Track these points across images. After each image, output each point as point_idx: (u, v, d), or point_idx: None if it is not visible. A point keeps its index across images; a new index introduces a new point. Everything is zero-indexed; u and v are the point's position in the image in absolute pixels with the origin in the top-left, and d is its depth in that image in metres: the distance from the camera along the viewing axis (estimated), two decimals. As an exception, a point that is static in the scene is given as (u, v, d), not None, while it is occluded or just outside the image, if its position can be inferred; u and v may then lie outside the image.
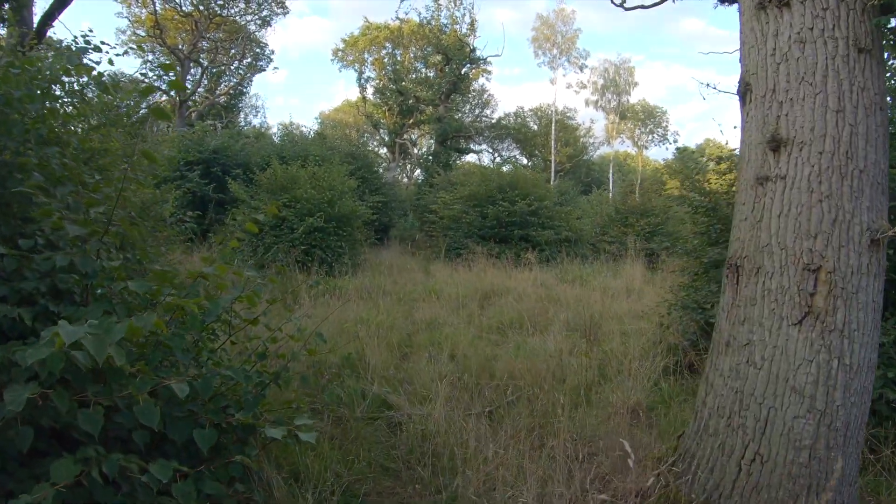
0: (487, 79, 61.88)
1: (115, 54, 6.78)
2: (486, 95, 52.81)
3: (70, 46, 5.96)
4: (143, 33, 39.04)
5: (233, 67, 42.54)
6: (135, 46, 38.93)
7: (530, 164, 53.09)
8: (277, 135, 35.71)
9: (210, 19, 37.88)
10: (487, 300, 12.53)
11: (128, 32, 39.87)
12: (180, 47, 38.53)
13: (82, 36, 5.73)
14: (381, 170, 36.23)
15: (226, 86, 42.10)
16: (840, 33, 3.72)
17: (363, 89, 44.52)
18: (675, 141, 67.80)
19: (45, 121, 4.02)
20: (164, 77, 39.93)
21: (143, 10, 37.83)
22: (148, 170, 6.41)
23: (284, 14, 41.18)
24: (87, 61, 5.08)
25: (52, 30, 16.43)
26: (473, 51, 39.81)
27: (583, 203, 30.86)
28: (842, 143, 3.61)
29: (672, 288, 9.92)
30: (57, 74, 4.61)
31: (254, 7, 39.74)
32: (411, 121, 42.75)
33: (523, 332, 9.43)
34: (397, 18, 42.95)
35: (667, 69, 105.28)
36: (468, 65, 40.24)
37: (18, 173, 3.58)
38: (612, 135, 61.99)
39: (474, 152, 43.83)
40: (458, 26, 40.85)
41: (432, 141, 41.57)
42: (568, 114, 58.89)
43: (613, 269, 17.42)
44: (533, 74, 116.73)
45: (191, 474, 2.94)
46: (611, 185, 55.89)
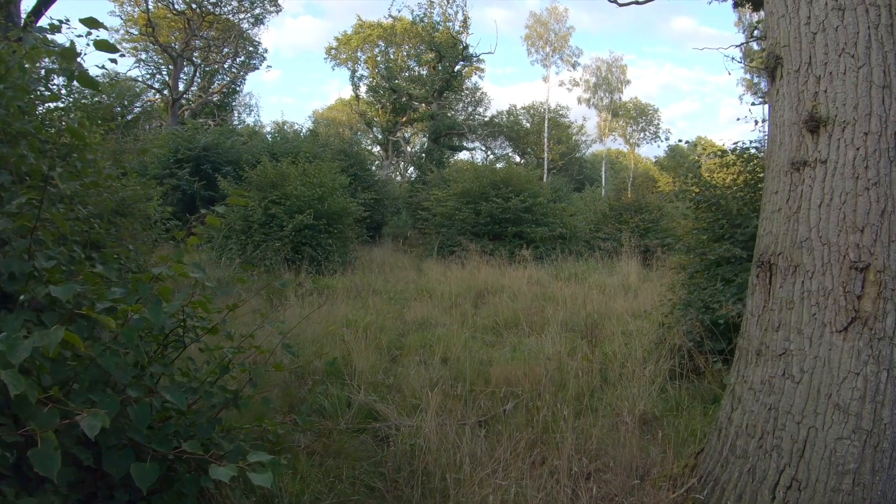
0: (480, 77, 61.98)
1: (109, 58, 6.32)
2: (479, 93, 52.72)
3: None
4: (136, 32, 38.58)
5: (226, 66, 42.10)
6: (128, 46, 38.71)
7: (523, 161, 52.79)
8: (271, 133, 35.31)
9: (203, 17, 37.47)
10: (481, 299, 12.11)
11: (121, 31, 39.48)
12: (174, 45, 37.99)
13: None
14: (374, 167, 35.94)
15: (219, 84, 41.58)
16: (882, 0, 3.26)
17: (356, 87, 44.23)
18: (667, 138, 68.05)
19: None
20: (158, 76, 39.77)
21: (136, 9, 37.39)
22: (132, 165, 5.95)
23: (277, 12, 40.95)
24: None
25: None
26: (466, 48, 39.59)
27: (576, 200, 30.66)
28: (889, 123, 3.14)
29: (672, 286, 9.51)
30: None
31: (246, 5, 39.45)
32: (404, 119, 42.45)
33: (519, 333, 8.99)
34: (390, 16, 42.68)
35: (658, 68, 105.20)
36: (461, 62, 39.98)
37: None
38: (605, 132, 62.11)
39: (467, 150, 43.59)
40: (450, 24, 40.79)
41: (425, 139, 41.36)
42: (560, 111, 58.80)
43: (608, 266, 17.10)
44: (526, 74, 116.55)
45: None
46: (603, 182, 55.95)
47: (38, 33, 4.62)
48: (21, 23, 15.30)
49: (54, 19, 5.79)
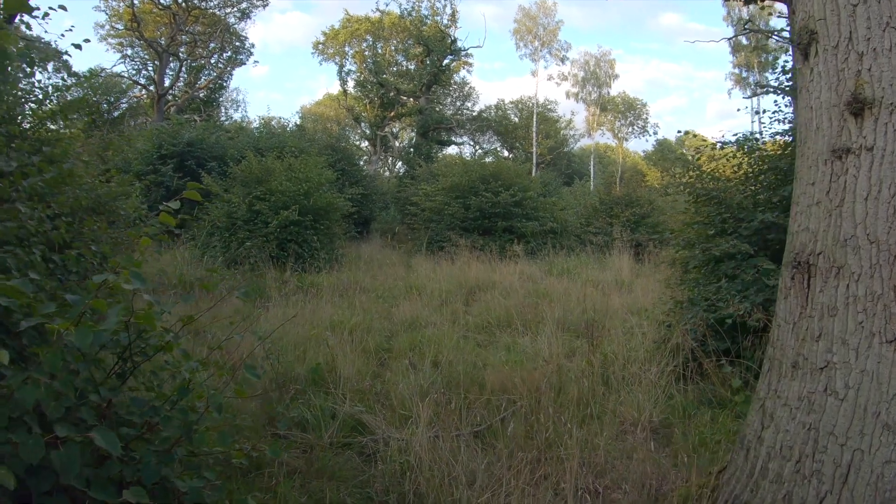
0: (469, 71, 61.45)
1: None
2: (467, 88, 52.28)
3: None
4: (121, 27, 37.98)
5: (212, 61, 41.48)
6: (113, 42, 38.20)
7: (511, 156, 52.42)
8: (258, 128, 34.84)
9: (188, 12, 36.84)
10: (472, 296, 11.75)
11: (106, 27, 39.02)
12: (159, 41, 37.35)
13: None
14: (362, 163, 35.55)
15: (205, 80, 40.97)
16: (929, -33, 2.89)
17: (344, 82, 43.82)
18: (655, 133, 67.96)
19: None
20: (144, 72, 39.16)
21: (122, 4, 36.83)
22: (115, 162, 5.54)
23: (264, 6, 40.42)
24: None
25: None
26: (454, 42, 39.18)
27: (565, 194, 30.38)
28: (942, 105, 2.78)
29: (668, 282, 9.17)
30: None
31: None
32: (392, 113, 42.09)
33: (513, 332, 8.63)
34: (378, 10, 42.22)
35: (646, 63, 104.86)
36: (449, 56, 39.60)
37: None
38: (593, 127, 61.86)
39: (456, 144, 43.19)
40: (438, 17, 40.37)
41: (413, 133, 41.00)
42: (549, 106, 58.50)
43: (600, 261, 16.83)
44: (514, 69, 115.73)
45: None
46: (592, 176, 55.79)
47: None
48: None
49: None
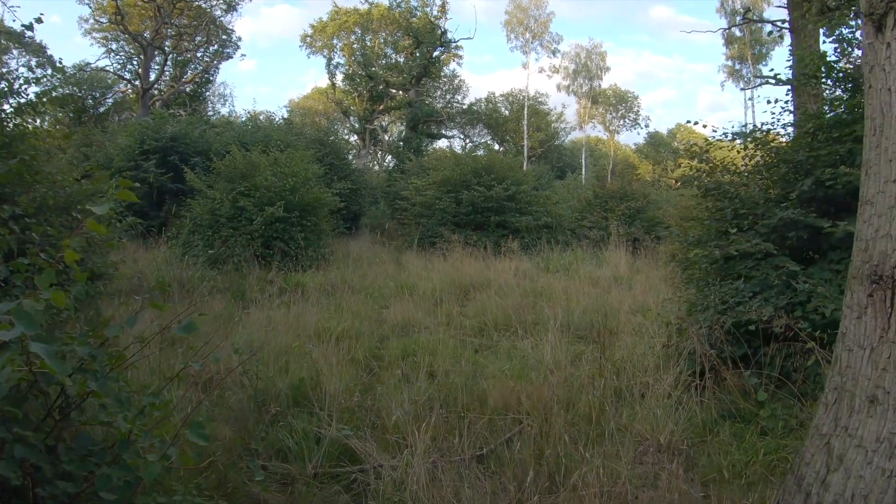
0: (459, 64, 61.10)
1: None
2: (457, 81, 51.81)
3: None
4: (105, 21, 37.42)
5: (199, 55, 40.78)
6: (98, 36, 37.62)
7: (502, 149, 52.00)
8: (244, 122, 34.24)
9: (174, 4, 36.09)
10: (466, 295, 11.25)
11: (90, 21, 38.58)
12: (144, 34, 36.62)
13: None
14: (350, 157, 35.05)
15: (192, 73, 40.27)
16: None
17: (332, 76, 43.41)
18: (647, 125, 67.73)
19: None
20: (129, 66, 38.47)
21: (105, -3, 36.08)
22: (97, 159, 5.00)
23: (251, -1, 39.76)
24: None
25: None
26: (445, 33, 38.64)
27: (558, 188, 29.94)
28: None
29: (672, 280, 8.71)
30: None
31: (219, -9, 38.19)
32: (381, 107, 41.60)
33: (512, 335, 8.10)
34: (366, 1, 41.74)
35: (637, 56, 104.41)
36: (439, 48, 39.08)
37: None
38: (584, 119, 61.56)
39: (446, 137, 42.64)
40: (428, 9, 39.79)
41: (403, 127, 40.49)
42: (540, 99, 58.24)
43: (596, 256, 16.45)
44: (504, 62, 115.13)
45: None
46: (584, 169, 55.60)
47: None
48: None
49: None
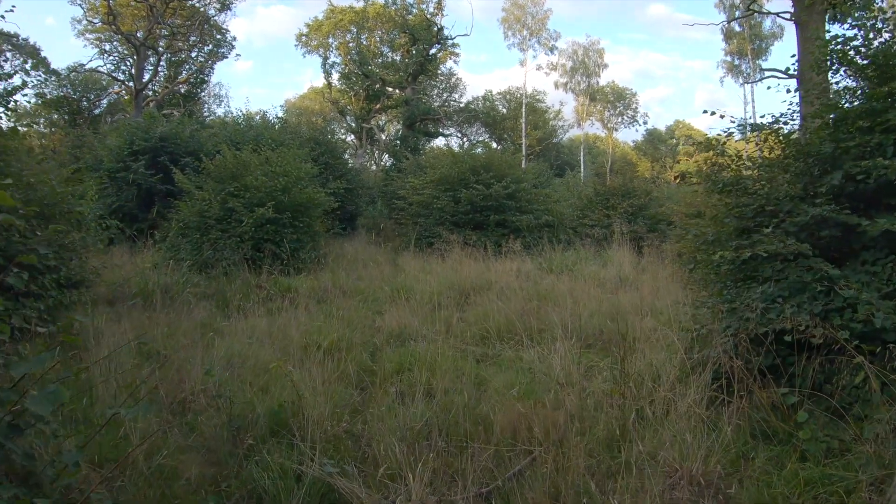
0: (455, 62, 60.74)
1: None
2: (454, 79, 51.51)
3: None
4: (98, 21, 37.31)
5: (193, 55, 40.38)
6: (91, 37, 37.19)
7: (500, 147, 51.67)
8: (243, 124, 33.78)
9: (166, 4, 35.61)
10: (466, 299, 10.69)
11: (83, 22, 38.40)
12: (137, 34, 36.08)
13: None
14: (346, 156, 34.58)
15: (186, 73, 39.73)
16: None
17: (328, 75, 43.26)
18: (645, 122, 67.63)
19: None
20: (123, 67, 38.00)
21: (98, -3, 35.82)
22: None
23: (243, -3, 39.32)
24: None
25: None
26: (441, 30, 38.13)
27: (558, 186, 29.54)
28: None
29: (683, 281, 8.16)
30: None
31: (212, -10, 37.82)
32: (378, 106, 41.29)
33: (516, 343, 7.50)
34: (362, -1, 41.27)
35: (633, 53, 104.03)
36: (436, 45, 38.62)
37: None
38: (583, 117, 61.32)
39: (443, 136, 42.07)
40: (424, 6, 39.41)
41: (400, 126, 40.05)
42: (537, 96, 58.03)
43: (600, 256, 16.00)
44: (500, 61, 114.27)
45: None
46: (582, 167, 55.33)
47: None
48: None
49: None
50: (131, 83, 36.65)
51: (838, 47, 6.92)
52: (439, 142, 41.06)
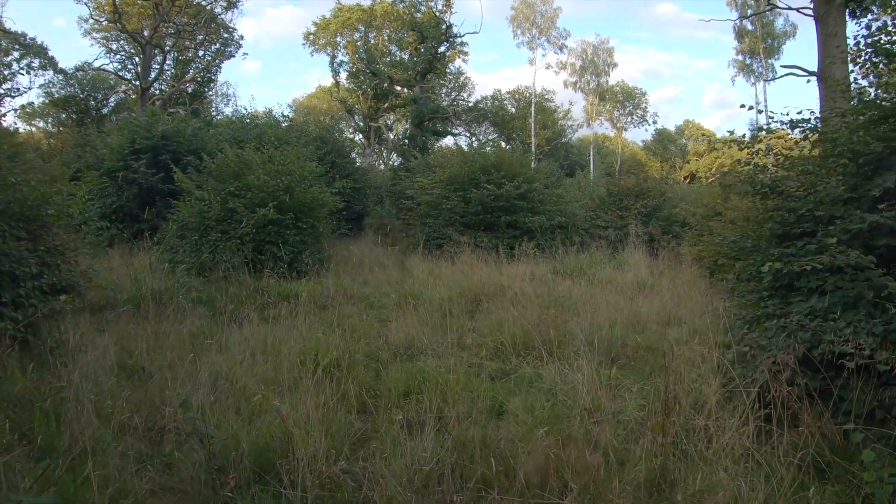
0: (464, 61, 60.17)
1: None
2: (462, 78, 50.95)
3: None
4: (105, 20, 37.13)
5: (200, 54, 40.12)
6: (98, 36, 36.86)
7: (509, 147, 51.11)
8: (248, 122, 33.33)
9: (172, 2, 35.35)
10: (478, 306, 10.08)
11: (90, 21, 38.01)
12: (143, 33, 35.70)
13: None
14: (355, 155, 34.19)
15: (193, 72, 39.35)
16: None
17: (336, 74, 42.90)
18: (655, 122, 66.99)
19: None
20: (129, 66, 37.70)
21: (104, -4, 35.65)
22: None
23: (250, -5, 39.18)
24: None
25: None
26: (450, 28, 37.61)
27: (569, 186, 29.02)
28: None
29: (731, 293, 7.56)
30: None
31: (218, -11, 37.59)
32: (386, 105, 40.73)
33: (534, 358, 6.90)
34: (370, -5, 40.90)
35: (641, 53, 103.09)
36: (445, 43, 38.10)
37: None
38: (592, 116, 60.75)
39: (452, 135, 41.44)
40: (432, 4, 38.94)
41: (408, 125, 39.54)
42: (546, 96, 57.36)
43: (614, 258, 15.38)
44: (509, 60, 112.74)
45: None
46: (592, 167, 54.75)
47: None
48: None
49: None
50: (138, 82, 36.32)
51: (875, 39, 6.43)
52: (448, 141, 40.57)
